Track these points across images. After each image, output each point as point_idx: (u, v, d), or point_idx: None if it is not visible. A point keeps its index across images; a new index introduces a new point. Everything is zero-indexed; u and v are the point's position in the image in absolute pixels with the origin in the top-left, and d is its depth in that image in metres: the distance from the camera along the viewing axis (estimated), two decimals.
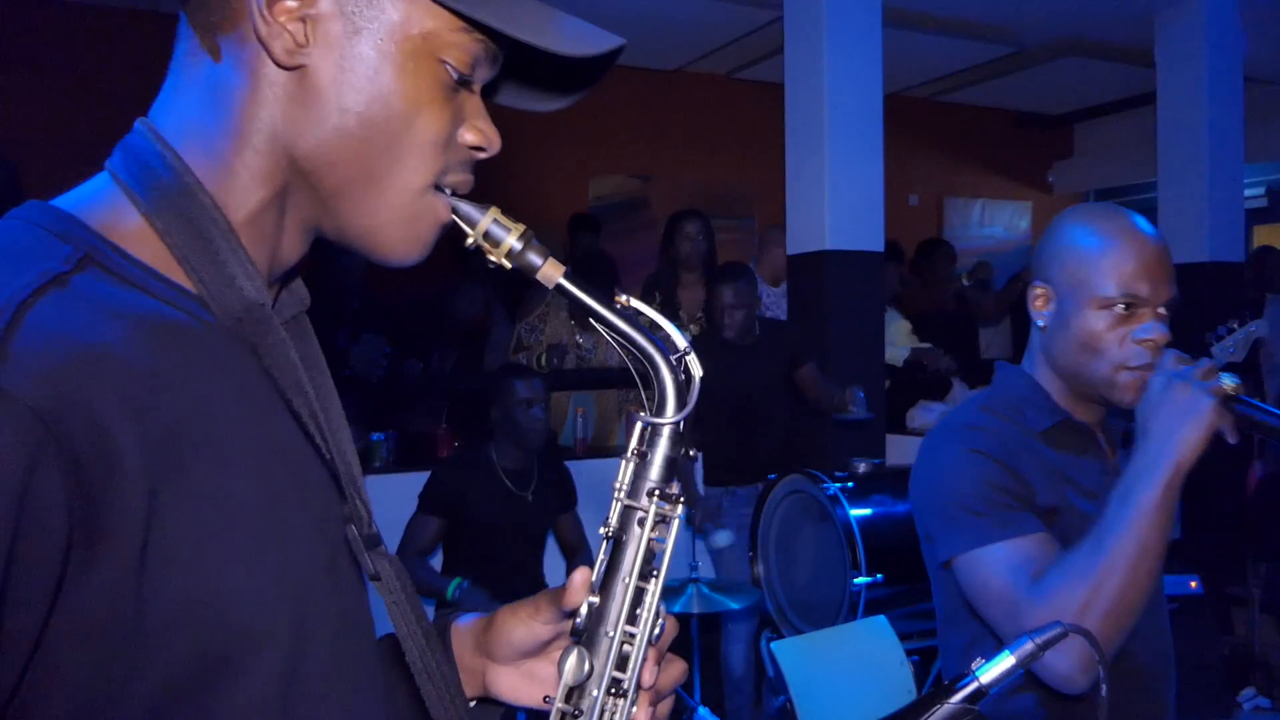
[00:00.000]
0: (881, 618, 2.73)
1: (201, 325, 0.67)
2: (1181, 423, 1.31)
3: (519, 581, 3.49)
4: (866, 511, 3.35)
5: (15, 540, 0.53)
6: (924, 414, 4.75)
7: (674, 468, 0.79)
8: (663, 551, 0.80)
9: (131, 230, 0.68)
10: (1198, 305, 5.43)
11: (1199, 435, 1.30)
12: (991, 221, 8.62)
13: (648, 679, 0.80)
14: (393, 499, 3.41)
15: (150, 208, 0.68)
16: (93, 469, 0.55)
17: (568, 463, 3.81)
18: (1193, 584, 3.88)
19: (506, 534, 3.42)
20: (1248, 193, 6.81)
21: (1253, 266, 6.00)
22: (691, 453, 0.81)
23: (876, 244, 4.55)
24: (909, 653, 2.64)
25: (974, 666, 0.75)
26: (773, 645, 2.51)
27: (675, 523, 0.80)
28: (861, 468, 3.59)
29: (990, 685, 0.74)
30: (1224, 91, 5.47)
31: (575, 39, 0.72)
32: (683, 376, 0.79)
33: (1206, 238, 5.37)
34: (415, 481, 3.47)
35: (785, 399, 4.15)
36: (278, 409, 0.70)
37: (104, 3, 5.33)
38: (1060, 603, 1.30)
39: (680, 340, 0.79)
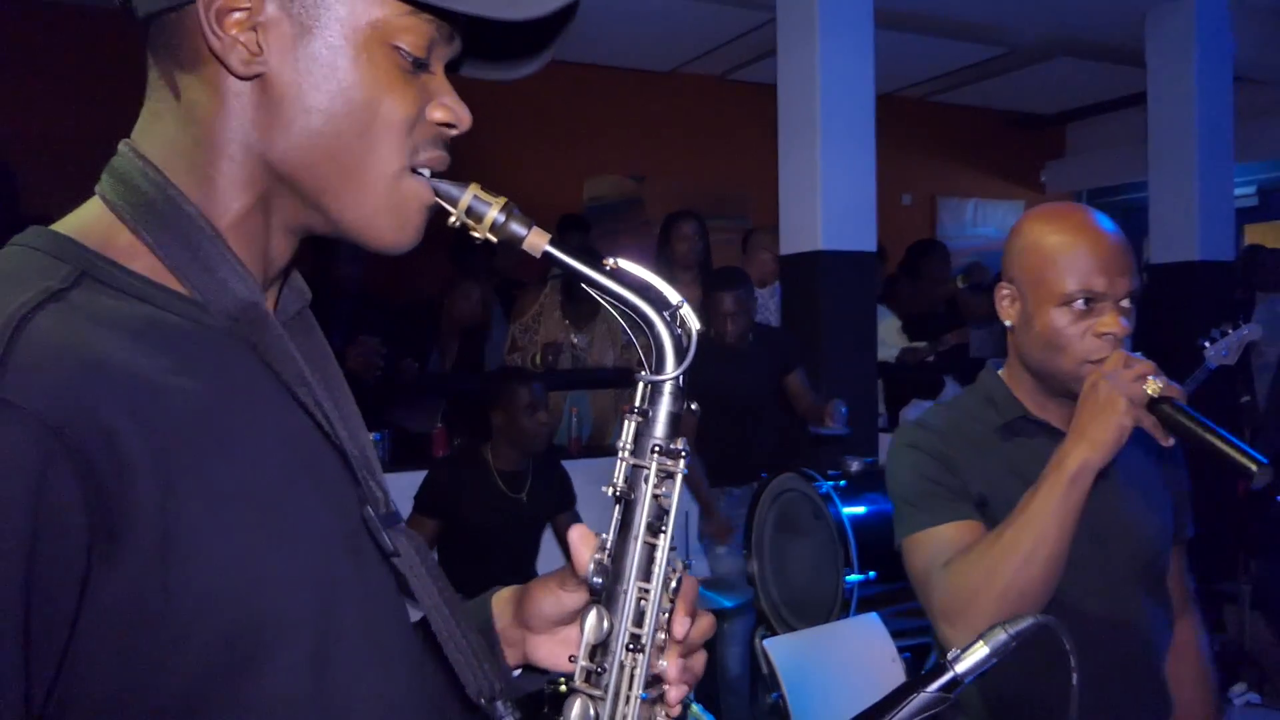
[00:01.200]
0: (874, 615, 2.75)
1: (200, 328, 0.70)
2: (1093, 421, 1.35)
3: (513, 583, 3.49)
4: (859, 510, 3.38)
5: (35, 542, 0.56)
6: (916, 413, 4.77)
7: (676, 423, 0.80)
8: (670, 507, 0.81)
9: (125, 246, 0.70)
10: (1188, 304, 5.48)
11: (1108, 435, 1.33)
12: (984, 221, 8.64)
13: (678, 630, 0.83)
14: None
15: (138, 222, 0.70)
16: (104, 471, 0.58)
17: (564, 461, 3.82)
18: None
19: (500, 535, 3.43)
20: (1238, 191, 6.84)
21: (1242, 266, 6.02)
22: (694, 406, 0.81)
23: (869, 244, 4.57)
24: (901, 650, 2.66)
25: (949, 656, 0.77)
26: (766, 642, 2.53)
27: (679, 477, 0.81)
28: (854, 466, 3.61)
29: (965, 675, 0.76)
30: (1214, 91, 5.49)
31: (522, 4, 0.73)
32: (679, 331, 0.80)
33: (1197, 237, 5.39)
34: (411, 481, 3.49)
35: (778, 401, 4.18)
36: (284, 401, 0.73)
37: (103, 4, 5.33)
38: (957, 585, 1.39)
39: (673, 296, 0.80)
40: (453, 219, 0.78)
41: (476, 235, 0.78)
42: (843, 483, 3.46)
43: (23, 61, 5.14)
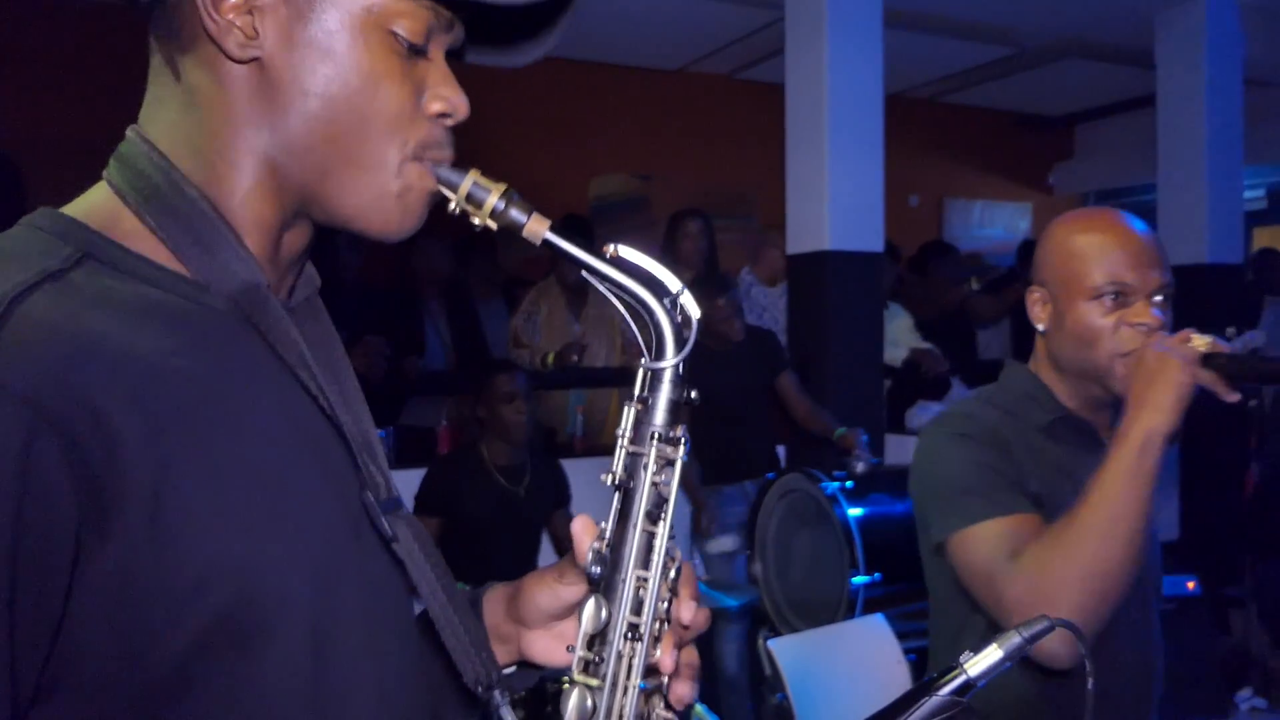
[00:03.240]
0: (879, 616, 2.74)
1: (202, 309, 0.70)
2: (1150, 387, 1.33)
3: (515, 577, 3.49)
4: (865, 511, 3.37)
5: (20, 517, 0.56)
6: (923, 414, 4.76)
7: (676, 411, 0.80)
8: (669, 494, 0.81)
9: (129, 228, 0.71)
10: (1197, 306, 5.47)
11: (1168, 396, 1.32)
12: (991, 222, 8.62)
13: (686, 616, 0.82)
14: None
15: (142, 206, 0.71)
16: (92, 449, 0.58)
17: (567, 460, 3.82)
18: (1190, 584, 3.90)
19: (501, 529, 3.44)
20: (1247, 195, 6.83)
21: (1253, 269, 6.00)
22: (693, 394, 0.81)
23: (876, 244, 4.56)
24: (907, 651, 2.66)
25: (962, 659, 0.76)
26: (770, 643, 2.52)
27: (678, 464, 0.81)
28: (860, 467, 3.61)
29: (978, 678, 0.75)
30: (1224, 93, 5.47)
31: None
32: (679, 318, 0.79)
33: (1206, 239, 5.38)
34: (416, 478, 3.50)
35: (768, 402, 4.17)
36: (288, 383, 0.73)
37: (105, 1, 5.34)
38: (1034, 574, 1.33)
39: (674, 283, 0.79)
40: (452, 205, 0.78)
41: (476, 222, 0.78)
42: (849, 483, 3.45)
43: (30, 58, 5.15)
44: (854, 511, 3.33)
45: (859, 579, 3.23)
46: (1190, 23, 5.48)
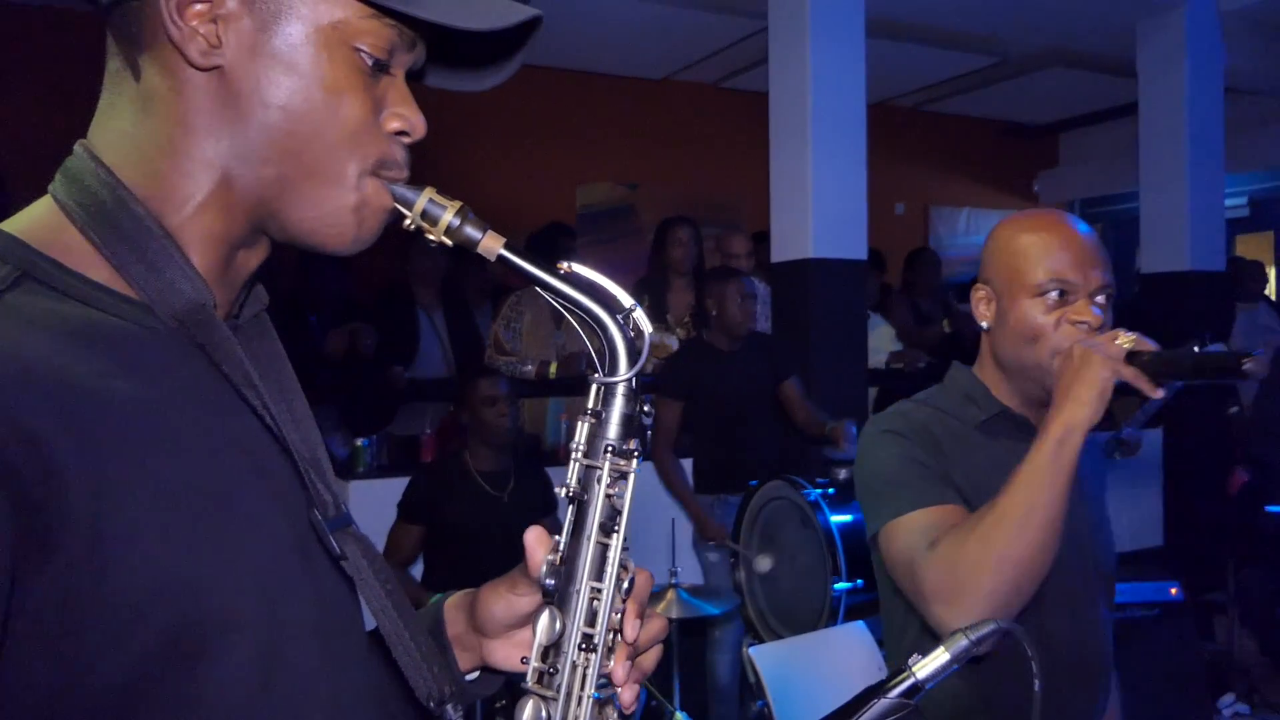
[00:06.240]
0: (861, 623, 2.74)
1: (144, 330, 0.69)
2: (1074, 381, 1.35)
3: None
4: (847, 518, 3.37)
5: None
6: None
7: (630, 424, 0.80)
8: (622, 507, 0.81)
9: (71, 246, 0.70)
10: (1179, 313, 5.50)
11: (1090, 391, 1.33)
12: (977, 230, 8.66)
13: (629, 633, 0.82)
14: (380, 504, 3.43)
15: (86, 223, 0.70)
16: (30, 478, 0.57)
17: (550, 467, 3.82)
18: (1174, 590, 3.91)
19: (484, 536, 3.42)
20: (1230, 202, 6.86)
21: (1228, 278, 6.05)
22: (647, 408, 0.82)
23: (860, 252, 4.57)
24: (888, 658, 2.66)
25: (910, 662, 0.77)
26: (751, 650, 2.52)
27: (632, 477, 0.81)
28: (843, 474, 3.61)
29: (926, 680, 0.76)
30: (1205, 102, 5.52)
31: (484, 14, 0.73)
32: (631, 333, 0.80)
33: (1188, 246, 5.42)
34: (402, 486, 3.49)
35: (773, 409, 4.17)
36: (234, 404, 0.73)
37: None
38: (950, 561, 1.34)
39: (626, 299, 0.80)
40: (408, 222, 0.78)
41: (432, 238, 0.78)
42: (831, 490, 3.46)
43: (14, 66, 5.13)
44: (836, 518, 3.33)
45: (841, 585, 3.24)
46: (1171, 32, 5.53)
